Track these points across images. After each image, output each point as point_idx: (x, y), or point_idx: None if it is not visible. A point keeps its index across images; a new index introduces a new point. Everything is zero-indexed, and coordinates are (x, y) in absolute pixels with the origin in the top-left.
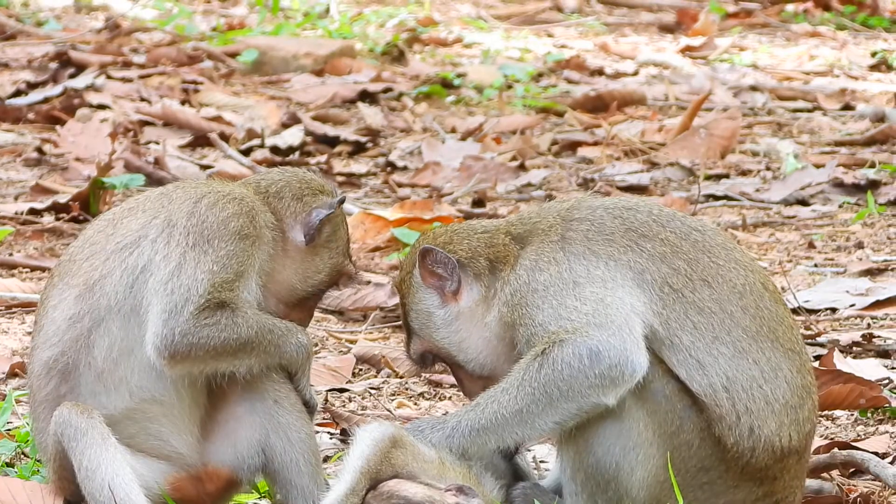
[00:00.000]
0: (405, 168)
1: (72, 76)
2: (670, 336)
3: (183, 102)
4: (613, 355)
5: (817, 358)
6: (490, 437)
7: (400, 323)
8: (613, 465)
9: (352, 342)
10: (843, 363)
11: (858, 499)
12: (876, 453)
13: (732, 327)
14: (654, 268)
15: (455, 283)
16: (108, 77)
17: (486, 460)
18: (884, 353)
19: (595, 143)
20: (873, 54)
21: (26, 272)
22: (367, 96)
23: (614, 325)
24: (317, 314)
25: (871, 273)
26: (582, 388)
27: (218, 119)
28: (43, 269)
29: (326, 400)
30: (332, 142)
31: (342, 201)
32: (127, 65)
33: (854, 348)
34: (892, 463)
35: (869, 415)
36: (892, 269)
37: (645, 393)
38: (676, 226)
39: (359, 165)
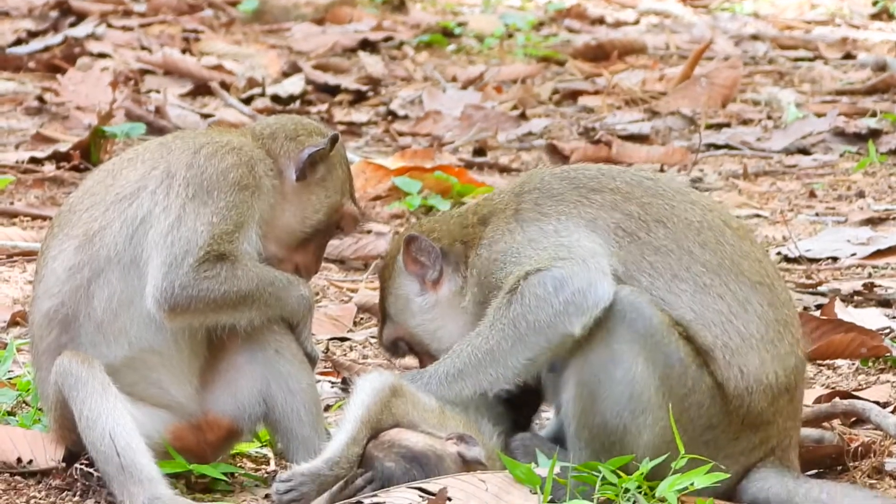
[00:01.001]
0: (406, 117)
1: (72, 25)
2: (630, 279)
3: (184, 51)
4: (577, 281)
5: (819, 307)
6: (466, 381)
7: None
8: (621, 427)
9: (353, 291)
10: (844, 312)
11: (859, 448)
12: (877, 402)
13: (691, 263)
14: (605, 215)
15: (437, 272)
16: (109, 26)
17: (487, 409)
18: (885, 303)
19: (596, 92)
20: (874, 3)
21: (27, 221)
22: (367, 45)
23: (578, 257)
24: None
25: (872, 222)
26: (549, 318)
27: (219, 68)
28: (44, 218)
29: (327, 349)
30: (333, 91)
31: (335, 139)
32: (127, 13)
33: (855, 297)
34: (893, 412)
35: (870, 364)
36: (894, 218)
37: (658, 356)
38: (627, 177)
39: (360, 114)
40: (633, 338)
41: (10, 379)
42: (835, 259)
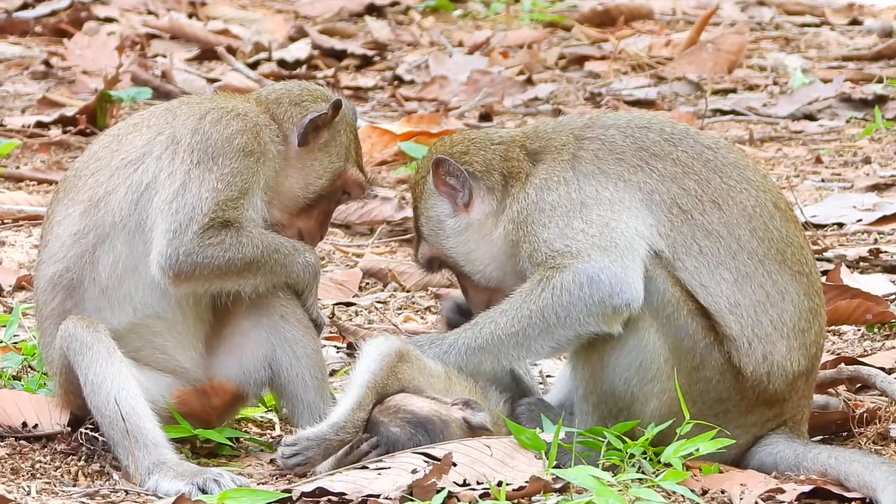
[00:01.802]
0: (412, 82)
1: None
2: (675, 260)
3: (190, 16)
4: (613, 282)
5: (824, 273)
6: (486, 356)
7: (407, 237)
8: (629, 394)
9: (358, 256)
10: (850, 278)
11: (865, 414)
12: (882, 368)
13: (738, 251)
14: (663, 188)
15: (466, 195)
16: None
17: (492, 375)
18: (891, 268)
19: (602, 58)
20: None
21: (33, 185)
22: (374, 10)
23: (617, 249)
24: None
25: (878, 188)
26: (580, 316)
27: (225, 32)
28: (50, 182)
29: (333, 314)
30: (340, 55)
31: (337, 105)
32: None
33: (861, 263)
34: None
35: (875, 330)
36: None
37: (669, 328)
38: (688, 144)
39: (366, 79)
40: (648, 309)
41: (16, 343)
42: (840, 225)
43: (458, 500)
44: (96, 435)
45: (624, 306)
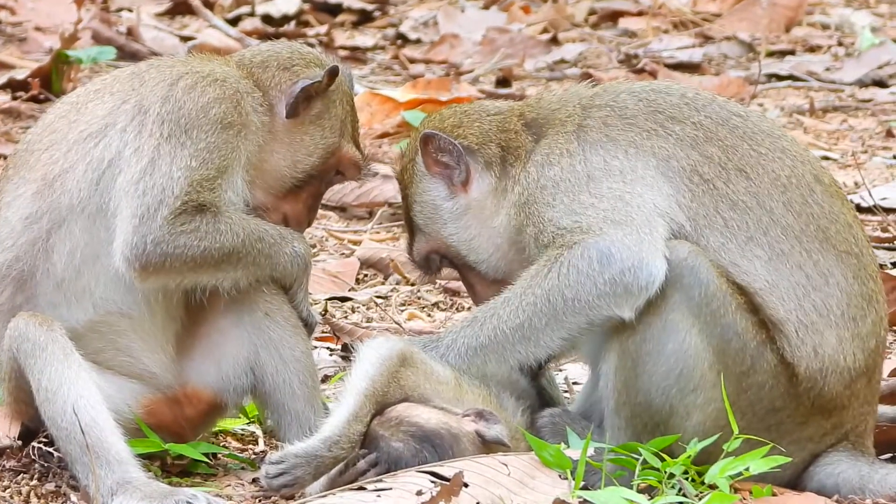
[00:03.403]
0: (418, 41)
1: None
2: (697, 236)
3: None
4: (627, 257)
5: (894, 265)
6: (489, 356)
7: None
8: (667, 407)
9: (355, 243)
10: None
11: None
12: None
13: (771, 225)
14: (682, 154)
15: (463, 171)
16: None
17: (509, 381)
18: None
19: (639, 13)
20: None
21: None
22: None
23: (634, 223)
24: None
25: None
26: (590, 298)
27: None
28: None
29: (326, 310)
30: (334, 10)
31: (334, 72)
32: None
33: None
34: None
35: None
36: None
37: (714, 328)
38: (713, 110)
39: (364, 38)
40: (689, 306)
41: None
42: None
43: None
44: (51, 450)
45: (638, 286)
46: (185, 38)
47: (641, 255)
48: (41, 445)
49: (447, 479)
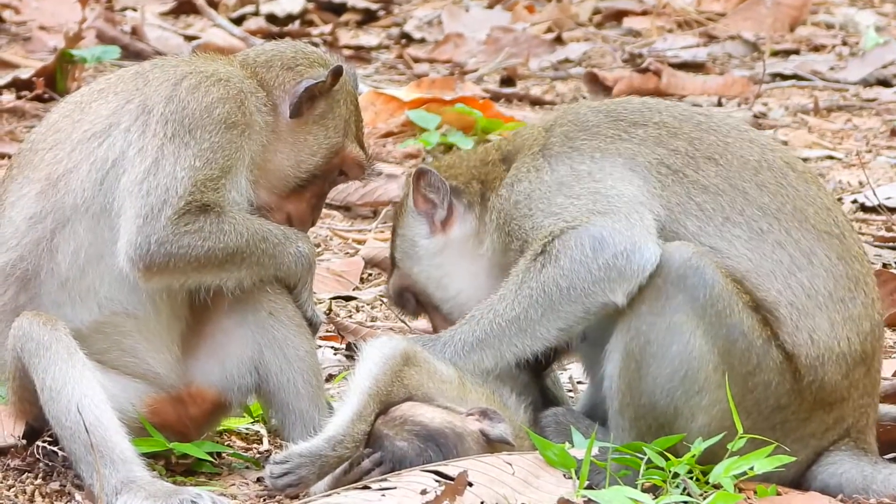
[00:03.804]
0: (423, 40)
1: None
2: (674, 223)
3: None
4: (619, 241)
5: None
6: (486, 351)
7: None
8: (672, 409)
9: (360, 242)
10: None
11: None
12: None
13: (745, 206)
14: (646, 150)
15: (444, 210)
16: None
17: (509, 376)
18: None
19: (644, 13)
20: None
21: None
22: None
23: (620, 212)
24: None
25: None
26: (585, 285)
27: None
28: (1, 156)
29: (330, 310)
30: (338, 9)
31: (338, 72)
32: None
33: None
34: None
35: None
36: None
37: (719, 329)
38: (676, 111)
39: (369, 37)
40: (693, 307)
41: None
42: None
43: None
44: (55, 449)
45: (632, 269)
46: (189, 38)
47: (634, 239)
48: (45, 444)
49: (451, 479)
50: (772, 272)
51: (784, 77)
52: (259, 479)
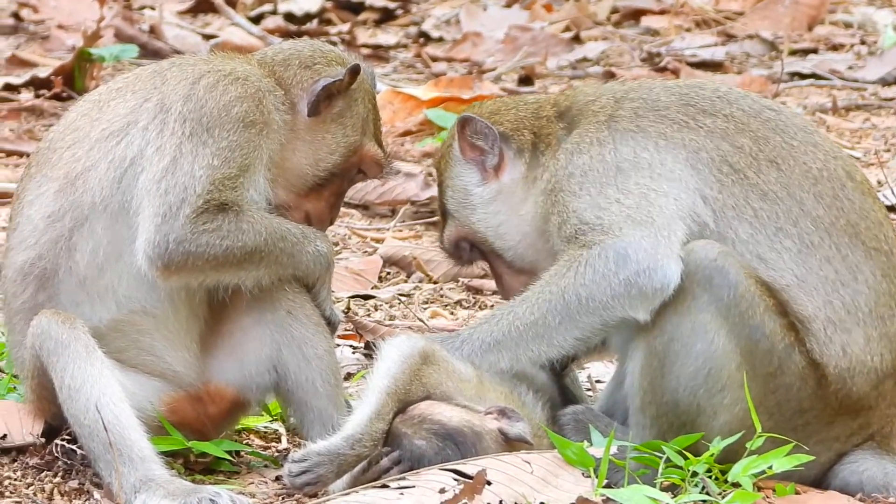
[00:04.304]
0: (441, 39)
1: None
2: (725, 228)
3: None
4: (643, 259)
5: None
6: (503, 353)
7: (434, 220)
8: (694, 407)
9: (378, 241)
10: None
11: None
12: None
13: (801, 217)
14: (711, 145)
15: (495, 156)
16: None
17: (527, 375)
18: None
19: (661, 12)
20: None
21: (1, 157)
22: None
23: (654, 224)
24: None
25: None
26: (605, 298)
27: None
28: (20, 155)
29: (349, 308)
30: (356, 8)
31: (355, 70)
32: None
33: None
34: None
35: None
36: None
37: (742, 330)
38: (746, 104)
39: (387, 36)
40: (718, 307)
41: None
42: None
43: None
44: (74, 447)
45: (653, 288)
46: (207, 37)
47: (657, 257)
48: (64, 443)
49: (470, 477)
50: (814, 288)
51: (802, 76)
52: (277, 478)
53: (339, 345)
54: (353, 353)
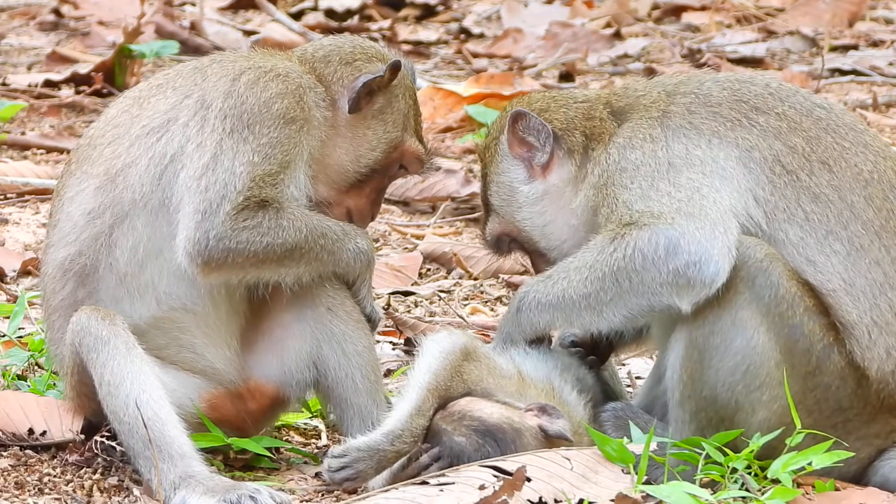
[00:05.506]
0: (481, 35)
1: None
2: (775, 230)
3: None
4: (694, 251)
5: None
6: (558, 315)
7: (475, 216)
8: (733, 402)
9: (418, 238)
10: None
11: None
12: None
13: (851, 220)
14: (764, 144)
15: (546, 155)
16: None
17: (573, 376)
18: None
19: (703, 8)
20: None
21: (41, 154)
22: None
23: (708, 217)
24: None
25: None
26: (654, 284)
27: None
28: (60, 151)
29: (389, 304)
30: (397, 5)
31: (396, 66)
32: None
33: None
34: None
35: None
36: None
37: (781, 328)
38: (798, 101)
39: (428, 32)
40: (758, 305)
41: (21, 338)
42: None
43: None
44: (114, 444)
45: (702, 281)
46: (248, 33)
47: (711, 251)
48: (104, 440)
49: (510, 474)
50: (862, 291)
51: (843, 72)
52: (317, 475)
53: (378, 341)
54: (393, 349)
